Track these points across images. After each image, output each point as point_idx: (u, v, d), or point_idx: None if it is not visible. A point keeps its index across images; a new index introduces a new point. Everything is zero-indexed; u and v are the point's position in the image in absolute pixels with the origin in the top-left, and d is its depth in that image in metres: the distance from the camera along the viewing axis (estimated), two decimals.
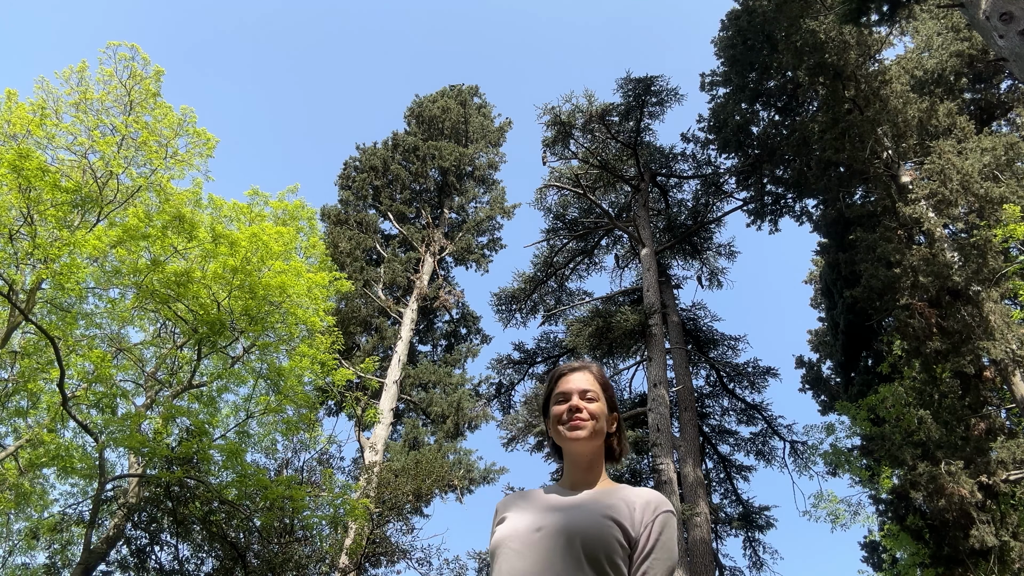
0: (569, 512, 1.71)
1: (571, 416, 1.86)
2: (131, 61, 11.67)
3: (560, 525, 1.66)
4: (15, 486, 12.21)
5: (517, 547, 1.66)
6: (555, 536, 1.64)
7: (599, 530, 1.63)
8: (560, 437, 1.88)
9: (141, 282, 11.05)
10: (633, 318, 13.10)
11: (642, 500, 1.73)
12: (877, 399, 13.56)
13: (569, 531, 1.63)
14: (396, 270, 20.19)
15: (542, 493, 1.87)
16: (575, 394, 1.88)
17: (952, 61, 15.40)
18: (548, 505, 1.78)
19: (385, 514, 13.00)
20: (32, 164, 9.39)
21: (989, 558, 11.02)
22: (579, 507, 1.73)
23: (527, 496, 1.88)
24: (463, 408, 18.24)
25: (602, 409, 1.89)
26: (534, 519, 1.72)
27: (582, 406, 1.87)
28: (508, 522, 1.76)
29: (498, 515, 1.86)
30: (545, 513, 1.73)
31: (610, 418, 1.92)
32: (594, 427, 1.86)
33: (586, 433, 1.85)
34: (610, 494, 1.77)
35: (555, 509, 1.75)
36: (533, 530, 1.68)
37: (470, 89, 25.91)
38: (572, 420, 1.86)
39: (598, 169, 17.00)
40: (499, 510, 1.88)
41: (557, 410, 1.90)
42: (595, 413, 1.87)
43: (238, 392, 13.35)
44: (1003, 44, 8.54)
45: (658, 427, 11.53)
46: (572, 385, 1.91)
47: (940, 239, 13.35)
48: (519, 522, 1.74)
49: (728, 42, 16.22)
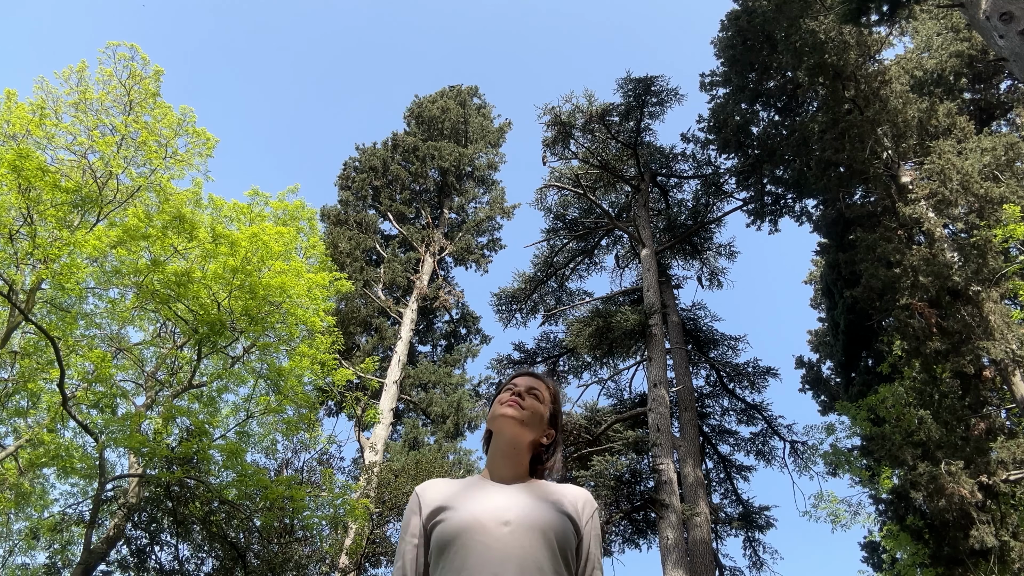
0: (532, 507, 1.71)
1: (510, 398, 1.91)
2: (131, 61, 11.66)
3: (531, 520, 1.66)
4: (15, 486, 12.21)
5: (487, 541, 1.61)
6: (529, 531, 1.64)
7: (563, 525, 1.69)
8: (492, 416, 1.91)
9: (141, 282, 11.05)
10: (633, 318, 13.10)
11: (581, 497, 1.82)
12: (877, 399, 13.56)
13: (542, 526, 1.66)
14: (396, 270, 20.19)
15: (476, 482, 1.84)
16: (522, 387, 1.94)
17: (952, 61, 15.41)
18: (501, 498, 1.74)
19: (385, 514, 13.00)
20: (32, 164, 9.39)
21: (989, 558, 11.01)
22: (537, 502, 1.74)
23: (461, 484, 1.83)
24: (463, 408, 18.25)
25: (542, 411, 1.93)
26: (495, 512, 1.68)
27: (525, 396, 1.92)
28: (458, 512, 1.70)
29: (425, 501, 1.79)
30: (503, 506, 1.70)
31: (548, 430, 1.95)
32: (527, 416, 1.89)
33: (516, 413, 1.88)
34: (553, 489, 1.82)
35: (513, 503, 1.72)
36: (500, 523, 1.64)
37: (470, 89, 25.92)
38: (509, 400, 1.90)
39: (598, 169, 17.00)
40: (424, 495, 1.81)
41: (502, 395, 1.94)
42: (534, 408, 1.91)
43: (238, 392, 13.35)
44: (1003, 44, 8.54)
45: (658, 427, 11.53)
46: (521, 381, 1.98)
47: (940, 239, 13.35)
48: (477, 513, 1.68)
49: (728, 42, 16.21)
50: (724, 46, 16.40)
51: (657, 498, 10.65)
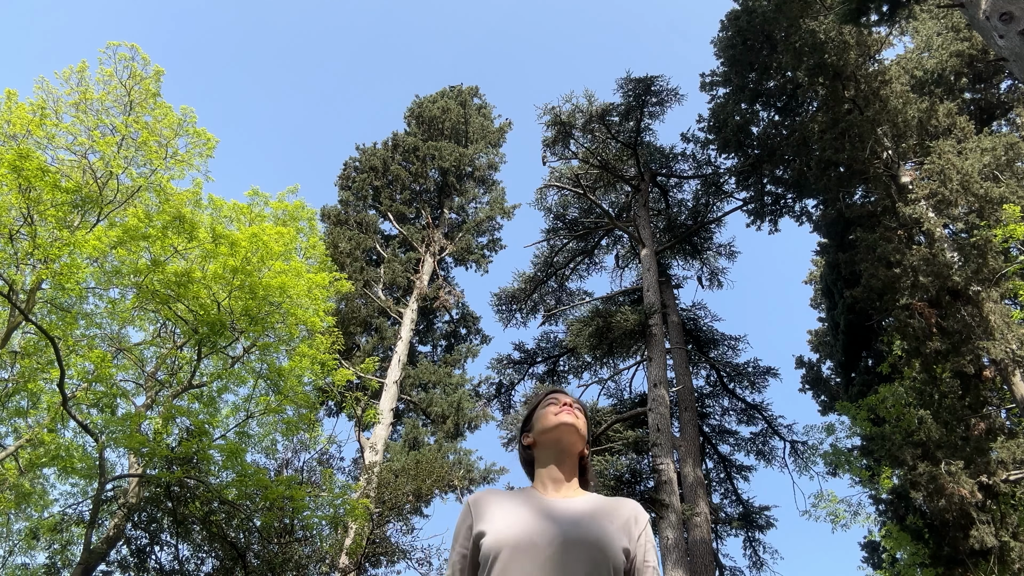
0: (584, 523, 1.69)
1: (562, 407, 1.91)
2: (131, 61, 11.68)
3: (582, 537, 1.64)
4: (15, 486, 12.21)
5: (538, 560, 1.58)
6: (580, 548, 1.62)
7: (616, 543, 1.67)
8: (549, 426, 1.89)
9: (141, 282, 11.05)
10: (633, 318, 13.09)
11: (634, 511, 1.80)
12: (877, 399, 13.56)
13: (594, 544, 1.64)
14: (396, 270, 20.19)
15: (532, 495, 1.81)
16: (569, 400, 1.96)
17: (952, 61, 15.41)
18: (555, 512, 1.71)
19: (385, 514, 13.00)
20: (32, 164, 9.39)
21: (989, 558, 11.01)
22: (591, 518, 1.71)
23: (513, 497, 1.80)
24: (463, 408, 18.24)
25: (585, 426, 1.95)
26: (546, 527, 1.65)
27: (574, 409, 1.93)
28: (508, 526, 1.67)
29: (478, 512, 1.76)
30: (556, 521, 1.68)
31: (587, 445, 1.97)
32: (583, 425, 1.91)
33: (576, 420, 1.88)
34: (605, 503, 1.80)
35: (566, 518, 1.69)
36: (550, 540, 1.62)
37: (470, 90, 25.91)
38: (565, 409, 1.90)
39: (598, 169, 16.99)
40: (476, 507, 1.78)
41: (550, 408, 1.94)
42: (584, 420, 1.95)
43: (238, 392, 13.36)
44: (1003, 44, 8.54)
45: (658, 427, 11.53)
46: (564, 397, 1.98)
47: (940, 239, 13.34)
48: (528, 528, 1.65)
49: (728, 42, 16.21)
50: (724, 46, 16.39)
51: (657, 498, 10.65)
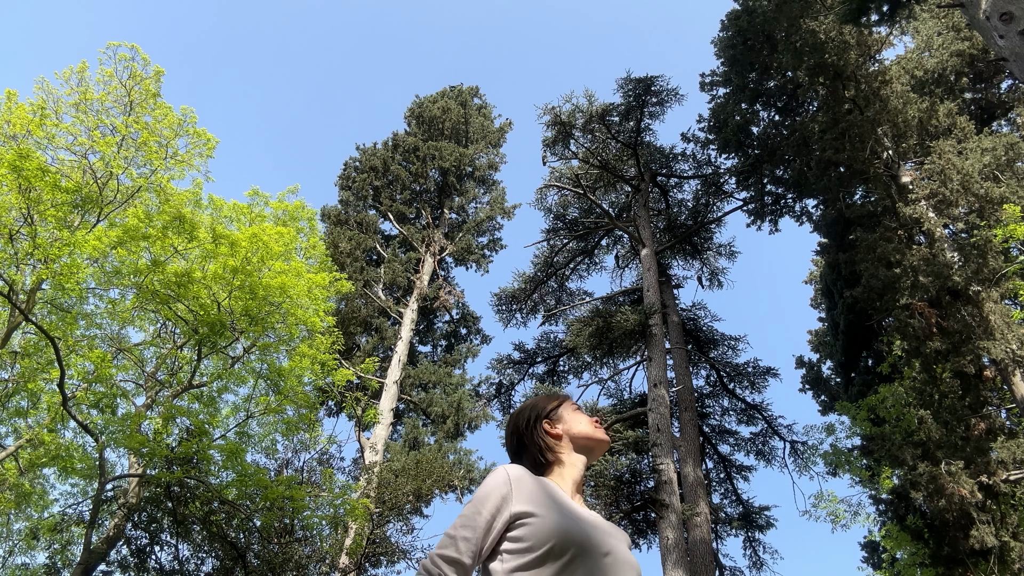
0: (619, 538, 1.72)
1: (598, 424, 1.98)
2: (131, 61, 11.68)
3: (629, 560, 1.66)
4: (15, 486, 12.22)
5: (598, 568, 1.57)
6: (631, 570, 1.64)
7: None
8: (591, 435, 1.94)
9: (141, 282, 11.05)
10: (633, 318, 13.09)
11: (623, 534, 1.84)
12: (877, 399, 13.56)
13: (634, 568, 1.66)
14: (396, 270, 20.19)
15: (562, 493, 1.76)
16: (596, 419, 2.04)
17: (952, 61, 15.41)
18: (598, 523, 1.70)
19: (385, 514, 13.00)
20: (32, 164, 9.40)
21: (989, 558, 11.01)
22: (623, 542, 1.73)
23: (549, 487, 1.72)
24: (463, 408, 18.24)
25: None
26: (602, 539, 1.63)
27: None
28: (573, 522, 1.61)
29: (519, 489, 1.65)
30: (606, 534, 1.67)
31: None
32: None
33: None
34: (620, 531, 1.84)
35: (611, 534, 1.70)
36: (606, 551, 1.60)
37: (470, 90, 25.91)
38: (600, 427, 1.98)
39: (598, 169, 16.99)
40: (519, 483, 1.67)
41: (584, 416, 2.00)
42: None
43: (238, 392, 13.38)
44: (1003, 44, 8.54)
45: (658, 427, 11.52)
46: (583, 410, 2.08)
47: (940, 239, 13.34)
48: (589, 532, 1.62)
49: (728, 42, 16.21)
50: (724, 46, 16.39)
51: (657, 498, 10.65)
